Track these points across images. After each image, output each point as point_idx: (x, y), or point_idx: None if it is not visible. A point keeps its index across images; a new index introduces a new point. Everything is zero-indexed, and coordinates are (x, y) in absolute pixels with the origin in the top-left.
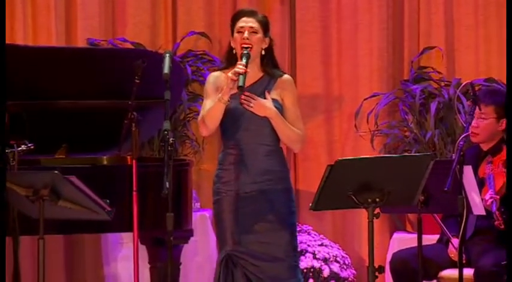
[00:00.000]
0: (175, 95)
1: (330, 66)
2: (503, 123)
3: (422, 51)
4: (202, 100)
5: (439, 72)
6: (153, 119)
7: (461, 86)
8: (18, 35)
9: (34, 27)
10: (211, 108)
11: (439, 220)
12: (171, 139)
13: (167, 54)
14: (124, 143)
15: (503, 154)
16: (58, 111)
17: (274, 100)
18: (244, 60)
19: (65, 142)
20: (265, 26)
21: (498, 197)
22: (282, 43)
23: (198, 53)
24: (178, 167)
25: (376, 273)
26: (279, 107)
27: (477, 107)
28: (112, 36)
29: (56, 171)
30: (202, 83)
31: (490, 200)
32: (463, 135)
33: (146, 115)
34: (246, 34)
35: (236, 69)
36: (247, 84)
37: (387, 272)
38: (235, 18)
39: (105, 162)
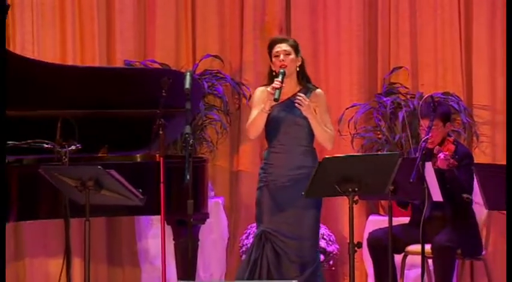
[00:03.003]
0: (195, 105)
1: (318, 82)
2: (448, 125)
3: (392, 70)
4: (217, 109)
5: (405, 87)
6: (176, 125)
7: (423, 98)
8: (69, 57)
9: (82, 51)
10: (256, 116)
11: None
12: (191, 141)
13: (188, 73)
14: (153, 144)
15: (448, 144)
16: (100, 118)
17: None
18: (280, 77)
19: (106, 143)
20: (295, 48)
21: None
22: None
23: (213, 71)
24: (197, 163)
25: (356, 248)
26: None
27: (429, 120)
28: (144, 58)
29: (99, 166)
30: (217, 96)
31: (442, 155)
32: (424, 138)
33: (171, 121)
34: (281, 57)
35: (273, 85)
36: (288, 96)
37: (364, 247)
38: (271, 45)
39: (138, 159)
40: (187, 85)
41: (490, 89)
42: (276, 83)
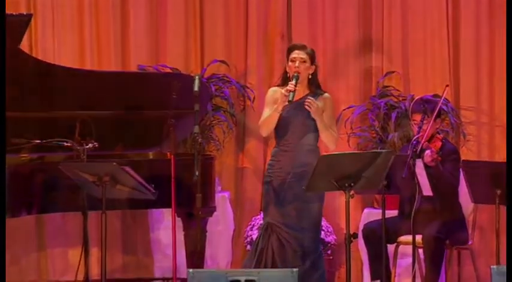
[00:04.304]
0: (203, 107)
1: None
2: (438, 121)
3: (385, 74)
4: (223, 111)
5: (398, 90)
6: (186, 125)
7: (414, 100)
8: (87, 62)
9: (99, 56)
10: (269, 116)
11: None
12: (199, 139)
13: (197, 77)
14: (165, 143)
15: (436, 141)
16: (116, 119)
17: None
18: (294, 81)
19: (120, 142)
20: (311, 57)
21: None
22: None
23: (220, 75)
24: (205, 160)
25: (352, 239)
26: None
27: (420, 115)
28: (156, 63)
29: (115, 163)
30: (223, 98)
31: (428, 152)
32: (415, 136)
33: (181, 122)
34: (297, 64)
35: (288, 88)
36: (297, 98)
37: (360, 238)
38: (290, 50)
39: (151, 157)
40: (196, 88)
41: (475, 92)
42: (291, 86)
